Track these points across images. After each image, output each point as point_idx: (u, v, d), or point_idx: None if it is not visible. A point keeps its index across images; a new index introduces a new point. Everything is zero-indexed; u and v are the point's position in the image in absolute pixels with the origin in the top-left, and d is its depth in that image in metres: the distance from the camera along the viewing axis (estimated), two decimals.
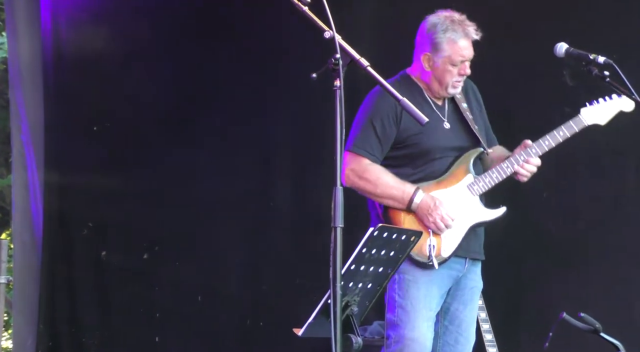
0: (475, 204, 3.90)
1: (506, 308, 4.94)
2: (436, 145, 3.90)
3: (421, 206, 3.83)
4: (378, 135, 3.85)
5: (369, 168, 3.86)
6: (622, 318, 4.70)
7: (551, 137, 3.92)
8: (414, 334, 3.81)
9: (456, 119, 3.98)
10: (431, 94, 3.96)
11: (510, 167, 3.90)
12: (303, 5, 2.72)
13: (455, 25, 3.88)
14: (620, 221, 4.97)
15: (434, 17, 3.92)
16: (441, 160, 3.92)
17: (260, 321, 5.36)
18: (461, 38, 3.87)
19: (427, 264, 3.81)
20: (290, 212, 5.40)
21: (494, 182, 3.90)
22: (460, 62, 3.88)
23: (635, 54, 4.75)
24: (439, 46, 3.87)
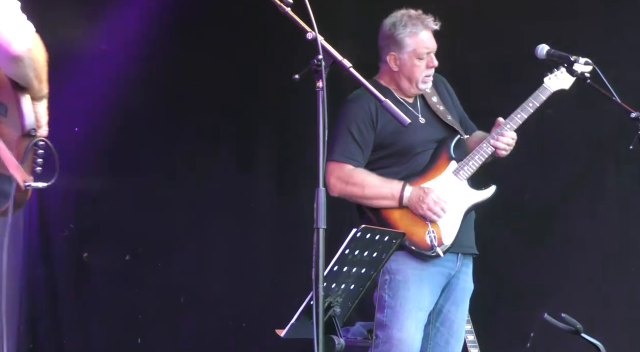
0: (464, 188, 3.93)
1: (487, 309, 4.96)
2: (415, 140, 3.94)
3: (411, 199, 3.85)
4: (357, 141, 3.89)
5: (353, 173, 3.88)
6: (603, 318, 4.73)
7: (522, 109, 3.97)
8: (402, 335, 3.82)
9: (429, 113, 4.03)
10: (402, 94, 4.00)
11: (490, 146, 3.93)
12: (285, 6, 2.72)
13: (414, 19, 3.94)
14: (601, 219, 5.01)
15: (391, 18, 3.99)
16: (423, 155, 3.95)
17: (242, 322, 5.36)
18: (422, 30, 3.93)
19: (431, 254, 3.82)
20: (273, 213, 5.40)
21: (478, 164, 3.93)
22: (426, 54, 3.93)
23: (615, 56, 4.79)
24: (402, 42, 3.92)
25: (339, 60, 2.70)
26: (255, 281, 5.35)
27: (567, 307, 3.97)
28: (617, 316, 4.80)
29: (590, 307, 4.79)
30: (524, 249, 5.13)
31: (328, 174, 3.88)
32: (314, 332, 2.53)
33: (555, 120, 5.10)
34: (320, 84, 2.65)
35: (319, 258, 2.55)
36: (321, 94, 2.65)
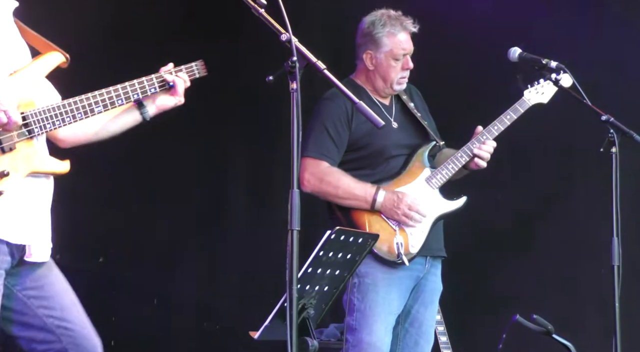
0: (435, 197, 3.94)
1: (460, 310, 4.98)
2: (387, 144, 3.94)
3: (385, 204, 3.85)
4: (332, 138, 3.88)
5: (328, 171, 3.88)
6: (574, 319, 4.77)
7: (499, 121, 3.99)
8: (372, 339, 3.82)
9: (405, 118, 4.03)
10: (377, 95, 4.01)
11: (465, 156, 3.95)
12: (259, 7, 2.72)
13: (393, 20, 3.95)
14: (572, 222, 5.05)
15: (371, 16, 3.99)
16: (396, 159, 3.95)
17: (216, 324, 5.35)
18: (400, 31, 3.94)
19: (397, 262, 3.83)
20: (246, 214, 5.39)
21: (451, 173, 3.94)
22: (402, 56, 3.94)
23: (586, 58, 4.83)
24: (380, 41, 3.93)
25: (313, 62, 2.70)
26: (229, 283, 5.34)
27: (539, 308, 4.00)
28: (588, 317, 4.85)
29: (561, 308, 4.83)
30: (496, 252, 5.16)
31: (302, 170, 3.87)
32: (287, 333, 2.53)
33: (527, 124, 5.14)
34: (294, 85, 2.65)
35: (292, 260, 2.55)
36: (295, 96, 2.65)
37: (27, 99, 2.72)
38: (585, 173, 4.78)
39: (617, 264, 3.59)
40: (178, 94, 2.92)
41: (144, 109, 2.95)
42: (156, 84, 2.91)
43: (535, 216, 5.10)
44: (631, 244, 3.73)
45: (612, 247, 3.62)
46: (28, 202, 2.75)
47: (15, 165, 2.69)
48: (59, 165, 2.78)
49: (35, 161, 2.73)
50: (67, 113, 2.77)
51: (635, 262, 4.24)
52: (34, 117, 2.73)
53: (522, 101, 4.02)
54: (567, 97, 3.84)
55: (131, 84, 2.88)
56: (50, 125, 2.75)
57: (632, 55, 5.02)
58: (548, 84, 4.01)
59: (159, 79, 2.91)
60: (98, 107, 2.83)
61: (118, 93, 2.85)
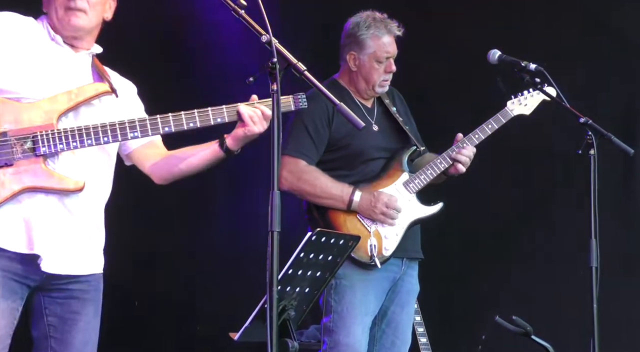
0: (412, 201, 3.95)
1: (440, 311, 4.99)
2: (367, 147, 3.95)
3: (362, 204, 3.86)
4: (312, 138, 3.89)
5: (306, 169, 3.88)
6: (552, 321, 4.80)
7: (481, 130, 4.02)
8: (349, 340, 3.83)
9: (386, 122, 4.03)
10: (359, 96, 4.01)
11: (444, 162, 3.96)
12: (240, 8, 2.71)
13: (378, 22, 3.96)
14: (550, 224, 5.08)
15: (356, 17, 4.00)
16: (375, 162, 3.96)
17: (196, 325, 5.33)
18: (385, 34, 3.94)
19: (370, 264, 3.83)
20: (228, 215, 5.38)
21: (429, 178, 3.95)
22: (386, 59, 3.95)
23: (564, 61, 4.86)
24: (364, 43, 3.93)
25: (293, 64, 2.70)
26: (209, 284, 5.32)
27: (518, 309, 4.02)
28: (566, 318, 4.87)
29: (540, 309, 4.86)
30: (475, 254, 5.18)
31: (281, 168, 3.86)
32: (268, 335, 2.52)
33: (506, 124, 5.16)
34: (274, 86, 2.65)
35: (273, 261, 2.55)
36: (275, 97, 2.65)
37: (45, 121, 2.82)
38: (564, 175, 4.81)
39: (595, 266, 3.61)
40: (246, 124, 2.97)
41: (222, 141, 3.04)
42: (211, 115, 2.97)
43: (514, 217, 5.12)
44: (609, 245, 3.75)
45: (590, 249, 3.63)
46: (39, 215, 2.83)
47: (6, 180, 2.78)
48: (64, 183, 2.84)
49: (34, 178, 2.81)
50: (89, 135, 2.86)
51: (613, 263, 4.27)
52: (42, 138, 2.82)
53: (504, 111, 4.04)
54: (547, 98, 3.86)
55: (188, 113, 2.98)
56: (63, 146, 2.83)
57: (607, 57, 5.05)
58: (532, 96, 4.05)
59: (215, 111, 2.98)
60: (134, 132, 2.90)
61: (162, 120, 2.94)
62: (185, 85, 5.14)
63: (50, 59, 2.90)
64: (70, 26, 2.90)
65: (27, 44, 2.87)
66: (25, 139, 2.80)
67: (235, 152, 3.04)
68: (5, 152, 2.78)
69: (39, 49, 2.89)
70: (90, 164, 2.93)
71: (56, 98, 2.85)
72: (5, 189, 2.78)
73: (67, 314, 2.90)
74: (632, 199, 5.05)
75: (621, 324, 4.91)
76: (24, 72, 2.84)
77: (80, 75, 2.94)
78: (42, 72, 2.86)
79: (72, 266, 2.90)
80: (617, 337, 4.79)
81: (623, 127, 4.72)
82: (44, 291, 2.89)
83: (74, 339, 2.90)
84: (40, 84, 2.86)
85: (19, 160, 2.79)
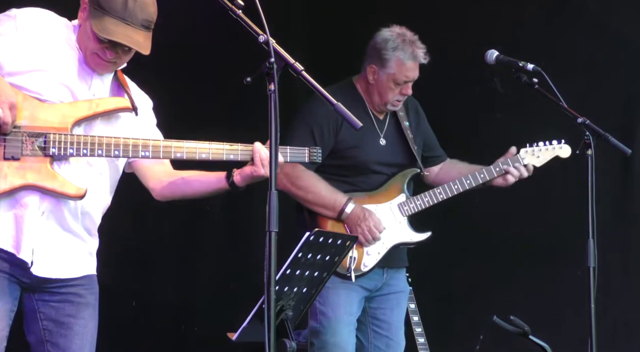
0: (402, 224, 3.96)
1: (437, 311, 4.99)
2: (370, 160, 3.95)
3: (351, 217, 3.87)
4: (316, 142, 3.86)
5: (302, 175, 3.88)
6: (550, 321, 4.80)
7: (487, 171, 4.04)
8: (336, 340, 3.85)
9: (395, 136, 4.02)
10: (372, 107, 3.99)
11: (443, 193, 3.97)
12: (237, 9, 2.71)
13: (406, 45, 3.91)
14: (548, 223, 5.07)
15: (387, 32, 3.96)
16: (376, 176, 3.96)
17: (194, 325, 5.32)
18: (409, 59, 3.91)
19: (345, 275, 3.84)
20: (225, 215, 5.37)
21: (425, 206, 3.97)
22: (404, 83, 3.92)
23: (562, 62, 4.86)
24: (386, 63, 3.91)
25: (291, 64, 2.70)
26: (207, 284, 5.32)
27: (516, 310, 4.02)
28: (564, 318, 4.87)
29: (538, 309, 4.86)
30: (473, 254, 5.18)
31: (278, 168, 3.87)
32: (265, 335, 2.53)
33: (504, 125, 5.16)
34: (272, 86, 2.65)
35: (270, 261, 2.55)
36: (273, 97, 2.64)
37: (60, 123, 2.82)
38: (561, 175, 4.81)
39: (593, 266, 3.62)
40: (255, 165, 3.00)
41: (230, 175, 3.06)
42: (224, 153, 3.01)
43: (511, 217, 5.12)
44: (607, 245, 3.76)
45: (587, 249, 3.64)
46: (31, 215, 2.80)
47: (8, 173, 2.76)
48: (65, 187, 2.83)
49: (37, 176, 2.79)
50: (102, 146, 2.85)
51: (610, 264, 4.28)
52: (54, 138, 2.81)
53: (515, 158, 4.07)
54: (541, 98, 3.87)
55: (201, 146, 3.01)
56: (73, 151, 2.82)
57: (605, 57, 5.06)
58: (547, 149, 4.08)
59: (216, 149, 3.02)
60: (145, 151, 2.91)
61: (176, 146, 2.95)
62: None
63: (73, 64, 2.88)
64: (97, 69, 2.91)
65: (55, 47, 2.86)
66: (37, 136, 2.79)
67: (240, 189, 3.06)
68: (14, 146, 2.77)
69: (65, 54, 2.88)
70: (95, 174, 2.93)
71: (77, 104, 2.85)
72: (6, 182, 2.76)
73: (62, 318, 2.87)
74: (629, 199, 5.05)
75: (619, 325, 4.91)
76: (48, 77, 2.83)
77: (98, 85, 2.94)
78: (62, 75, 2.85)
79: (62, 270, 2.88)
80: (614, 338, 4.80)
81: (620, 127, 4.72)
82: (36, 293, 2.87)
83: (71, 343, 2.88)
84: (58, 88, 2.85)
85: (26, 156, 2.78)
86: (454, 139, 4.82)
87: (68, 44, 2.90)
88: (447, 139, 4.42)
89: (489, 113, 5.15)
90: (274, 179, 2.60)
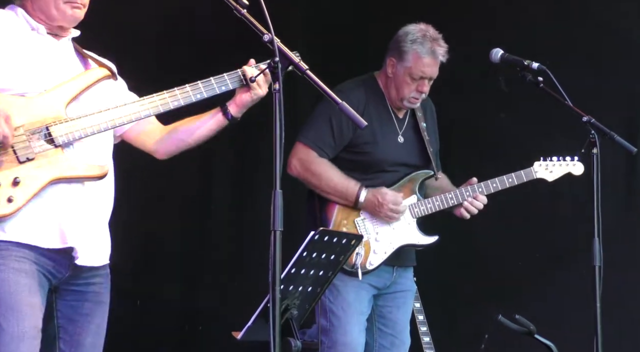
0: (411, 225, 3.96)
1: (442, 310, 4.99)
2: (387, 158, 3.94)
3: (367, 206, 3.87)
4: (334, 135, 3.88)
5: (316, 161, 3.89)
6: (555, 319, 4.79)
7: (499, 181, 4.02)
8: (347, 339, 3.85)
9: (412, 136, 4.02)
10: (391, 103, 3.99)
11: (454, 199, 3.97)
12: (241, 8, 2.71)
13: (426, 40, 3.90)
14: (554, 221, 5.07)
15: (411, 26, 3.96)
16: (390, 174, 3.96)
17: (199, 324, 5.33)
18: (427, 54, 3.90)
19: (352, 271, 3.84)
20: (230, 214, 5.38)
21: (435, 209, 3.97)
22: (420, 78, 3.91)
23: (567, 60, 4.85)
24: (404, 55, 3.91)
25: (295, 63, 2.70)
26: (212, 283, 5.32)
27: (521, 308, 4.02)
28: (569, 317, 4.87)
29: (543, 308, 4.85)
30: (479, 252, 5.17)
31: (292, 154, 3.91)
32: (270, 334, 2.53)
33: (508, 124, 5.16)
34: (276, 85, 2.65)
35: (275, 260, 2.55)
36: (278, 96, 2.65)
37: (56, 112, 2.82)
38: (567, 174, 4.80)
39: (598, 265, 3.61)
40: (251, 88, 2.93)
41: (225, 109, 3.00)
42: (215, 85, 2.93)
43: (516, 216, 5.11)
44: (613, 244, 3.75)
45: (593, 248, 3.63)
46: (66, 206, 2.81)
47: (32, 174, 2.76)
48: (90, 170, 2.84)
49: (60, 168, 2.79)
50: (103, 119, 2.84)
51: (617, 262, 4.27)
52: (58, 128, 2.81)
53: (529, 171, 4.06)
54: (546, 97, 3.86)
55: (192, 86, 2.92)
56: (80, 133, 2.82)
57: (610, 56, 5.05)
58: (560, 165, 4.09)
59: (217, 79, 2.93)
60: (145, 111, 2.89)
61: (170, 95, 2.90)
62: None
63: (38, 51, 2.88)
64: (70, 18, 2.89)
65: (11, 37, 2.85)
66: (39, 131, 2.79)
67: (237, 120, 3.02)
68: (23, 148, 2.76)
69: (23, 41, 2.87)
70: (99, 149, 2.92)
71: (62, 88, 2.85)
72: (33, 183, 2.76)
73: (77, 317, 2.88)
74: (635, 198, 5.04)
75: (625, 324, 4.90)
76: (19, 68, 2.82)
77: (68, 62, 2.93)
78: (35, 65, 2.85)
79: (98, 256, 2.90)
80: (620, 337, 4.79)
81: (625, 126, 4.72)
82: (56, 293, 2.88)
83: (85, 340, 2.89)
84: (36, 78, 2.84)
85: (38, 154, 2.77)
86: (458, 138, 4.82)
87: (19, 28, 2.87)
88: (452, 138, 4.42)
89: (493, 112, 5.14)
90: (279, 178, 2.60)
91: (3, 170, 2.74)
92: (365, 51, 5.05)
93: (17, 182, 2.73)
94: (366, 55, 4.83)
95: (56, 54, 2.91)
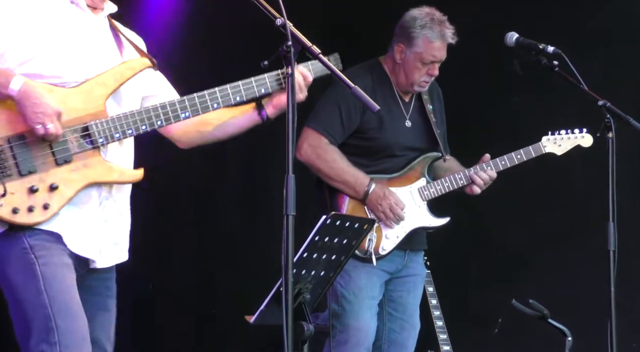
0: (422, 208, 3.95)
1: (456, 294, 4.99)
2: (395, 143, 3.94)
3: (371, 197, 3.86)
4: (342, 120, 3.88)
5: (327, 148, 3.89)
6: (569, 304, 4.79)
7: (509, 158, 4.00)
8: (359, 324, 3.86)
9: (419, 119, 4.01)
10: (398, 88, 3.98)
11: (464, 179, 3.95)
12: None
13: (435, 24, 3.89)
14: (567, 208, 5.05)
15: (416, 11, 3.94)
16: (398, 158, 3.95)
17: (212, 308, 5.35)
18: (437, 38, 3.89)
19: (365, 257, 3.84)
20: (243, 199, 5.39)
21: (445, 190, 3.96)
22: (430, 62, 3.90)
23: (583, 44, 4.82)
24: (413, 41, 3.89)
25: (308, 47, 2.69)
26: (224, 267, 5.34)
27: (534, 293, 4.01)
28: (583, 301, 4.86)
29: (557, 293, 4.84)
30: (492, 236, 5.17)
31: (303, 139, 3.90)
32: (283, 318, 2.53)
33: (521, 107, 5.14)
34: (289, 70, 2.65)
35: (288, 245, 2.55)
36: (290, 80, 2.64)
37: (95, 107, 2.69)
38: (582, 158, 4.78)
39: (613, 249, 3.59)
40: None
41: (261, 109, 2.90)
42: (255, 87, 2.83)
43: (530, 200, 5.10)
44: (627, 228, 3.73)
45: (608, 232, 3.61)
46: (94, 212, 2.73)
47: (68, 178, 2.66)
48: (125, 176, 2.75)
49: (96, 172, 2.69)
50: (143, 121, 2.74)
51: (630, 246, 4.25)
52: (98, 128, 2.69)
53: (537, 146, 4.03)
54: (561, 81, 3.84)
55: (233, 86, 2.83)
56: (119, 134, 2.71)
57: (625, 41, 5.01)
58: (568, 138, 4.06)
59: (260, 80, 2.83)
60: (185, 113, 2.79)
61: (211, 96, 2.80)
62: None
63: (75, 30, 2.72)
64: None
65: (47, 12, 2.69)
66: (78, 129, 2.67)
67: (271, 120, 2.91)
68: (63, 149, 2.65)
69: (60, 17, 2.70)
70: (128, 148, 2.83)
71: (101, 79, 2.71)
72: (68, 188, 2.66)
73: (87, 310, 2.78)
74: None
75: (638, 308, 4.89)
76: (54, 51, 2.67)
77: (105, 43, 2.79)
78: (77, 48, 2.69)
79: (115, 259, 2.85)
80: (634, 321, 4.78)
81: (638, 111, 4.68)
82: None
83: (93, 330, 2.80)
84: (79, 63, 2.70)
85: (75, 155, 2.66)
86: (472, 122, 4.80)
87: (58, 2, 2.72)
88: (466, 121, 4.40)
89: (506, 96, 5.12)
90: (291, 162, 2.60)
91: (40, 173, 2.62)
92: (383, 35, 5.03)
93: (53, 188, 2.63)
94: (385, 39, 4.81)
95: (93, 33, 2.76)
